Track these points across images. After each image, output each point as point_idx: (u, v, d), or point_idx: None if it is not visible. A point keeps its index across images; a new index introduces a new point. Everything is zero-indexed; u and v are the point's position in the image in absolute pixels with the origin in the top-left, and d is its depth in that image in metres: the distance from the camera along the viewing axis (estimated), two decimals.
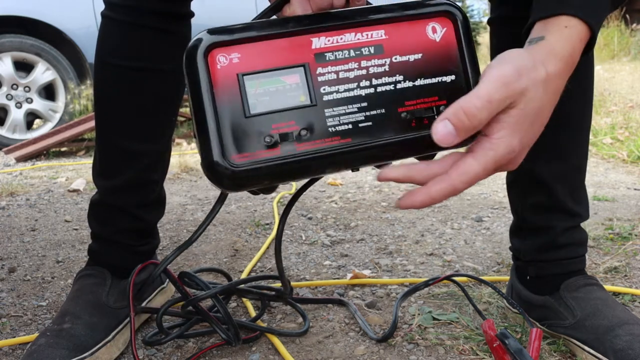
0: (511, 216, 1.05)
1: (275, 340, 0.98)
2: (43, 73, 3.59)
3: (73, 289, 1.02)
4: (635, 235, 1.53)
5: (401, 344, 0.98)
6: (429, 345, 0.97)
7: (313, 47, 0.59)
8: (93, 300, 0.97)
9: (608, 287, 1.14)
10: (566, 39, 0.59)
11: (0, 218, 1.87)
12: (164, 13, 0.94)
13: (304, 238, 1.60)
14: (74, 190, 2.27)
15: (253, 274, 1.34)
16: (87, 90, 3.67)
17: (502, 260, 1.39)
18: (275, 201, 1.95)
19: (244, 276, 1.30)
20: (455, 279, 1.11)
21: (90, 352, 0.89)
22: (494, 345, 0.85)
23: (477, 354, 0.93)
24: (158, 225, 1.11)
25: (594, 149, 2.81)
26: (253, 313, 1.10)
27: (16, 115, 3.57)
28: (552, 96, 0.58)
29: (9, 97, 3.55)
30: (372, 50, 0.60)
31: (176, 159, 2.63)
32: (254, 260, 1.39)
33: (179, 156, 2.74)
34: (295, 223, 1.75)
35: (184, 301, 0.93)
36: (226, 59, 0.57)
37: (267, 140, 0.56)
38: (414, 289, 1.11)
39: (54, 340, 0.88)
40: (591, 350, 0.88)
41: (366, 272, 1.30)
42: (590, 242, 1.41)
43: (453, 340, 0.98)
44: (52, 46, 3.57)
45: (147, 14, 0.93)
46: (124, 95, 0.98)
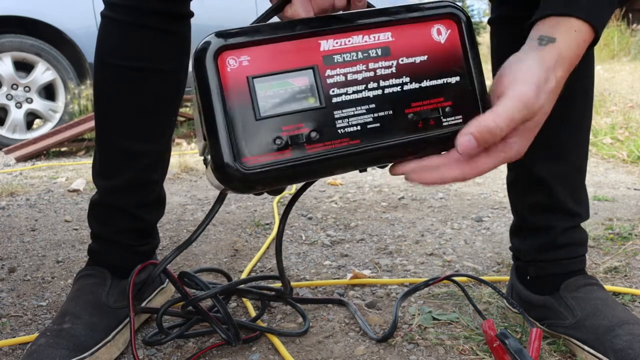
0: (511, 216, 1.05)
1: (275, 340, 0.98)
2: (43, 73, 3.59)
3: (73, 289, 1.02)
4: (635, 235, 1.53)
5: (401, 344, 0.98)
6: (429, 345, 0.97)
7: (321, 50, 0.59)
8: (93, 300, 0.97)
9: (608, 287, 1.14)
10: (574, 42, 0.62)
11: (0, 218, 1.87)
12: (164, 13, 0.94)
13: (304, 238, 1.60)
14: (74, 190, 2.27)
15: (253, 274, 1.34)
16: (87, 90, 3.67)
17: (502, 260, 1.39)
18: (275, 201, 1.95)
19: (244, 276, 1.30)
20: (455, 279, 1.10)
21: (90, 352, 0.89)
22: (494, 345, 0.85)
23: (477, 354, 0.93)
24: (158, 225, 1.11)
25: (594, 149, 2.81)
26: (253, 313, 1.10)
27: (16, 115, 3.57)
28: (555, 97, 0.62)
29: (9, 97, 3.55)
30: (380, 52, 0.61)
31: (176, 159, 2.63)
32: (254, 260, 1.39)
33: (179, 156, 2.74)
34: (295, 223, 1.75)
35: (184, 301, 0.93)
36: (236, 62, 0.57)
37: (278, 142, 0.56)
38: (414, 289, 1.11)
39: (54, 340, 0.88)
40: (591, 350, 0.88)
41: (366, 272, 1.30)
42: (590, 242, 1.41)
43: (453, 340, 0.98)
44: (52, 46, 3.58)
45: (147, 14, 0.93)
46: (124, 95, 0.98)
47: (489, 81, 0.66)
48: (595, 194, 2.01)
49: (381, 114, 0.60)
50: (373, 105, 0.60)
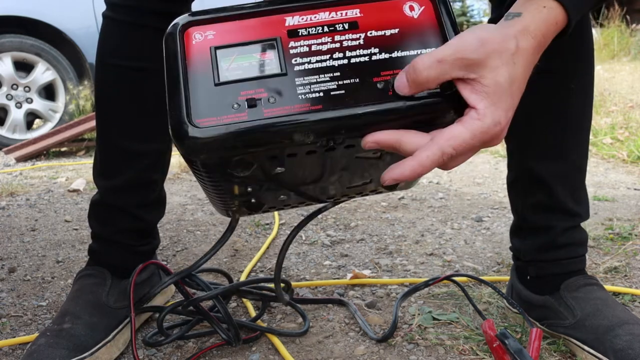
0: (511, 216, 1.05)
1: (275, 340, 0.98)
2: (43, 73, 3.59)
3: (73, 289, 1.02)
4: (635, 235, 1.53)
5: (401, 344, 0.98)
6: (429, 345, 0.97)
7: (286, 25, 0.60)
8: (93, 300, 0.97)
9: (608, 287, 1.14)
10: (542, 19, 0.59)
11: (0, 218, 1.87)
12: (164, 13, 0.94)
13: (304, 238, 1.60)
14: (74, 190, 2.27)
15: (253, 274, 1.34)
16: (87, 91, 3.67)
17: (502, 260, 1.39)
18: None
19: (243, 276, 1.30)
20: (455, 279, 1.10)
21: (90, 352, 0.89)
22: (494, 345, 0.85)
23: (477, 354, 0.93)
24: (158, 225, 1.11)
25: (594, 149, 2.81)
26: (253, 313, 1.10)
27: (16, 115, 3.57)
28: (523, 70, 0.57)
29: (9, 97, 3.55)
30: (347, 26, 0.60)
31: (176, 159, 2.63)
32: (254, 260, 1.39)
33: (179, 156, 2.74)
34: (295, 223, 1.75)
35: (186, 301, 0.93)
36: (202, 36, 0.59)
37: (235, 106, 0.56)
38: (414, 289, 1.11)
39: (54, 340, 0.88)
40: (591, 350, 0.88)
41: (366, 272, 1.30)
42: (590, 242, 1.41)
43: (453, 340, 0.98)
44: (52, 46, 3.58)
45: (148, 14, 0.93)
46: (124, 95, 0.98)
47: None
48: (595, 194, 2.01)
49: (346, 81, 0.58)
50: (338, 74, 0.58)
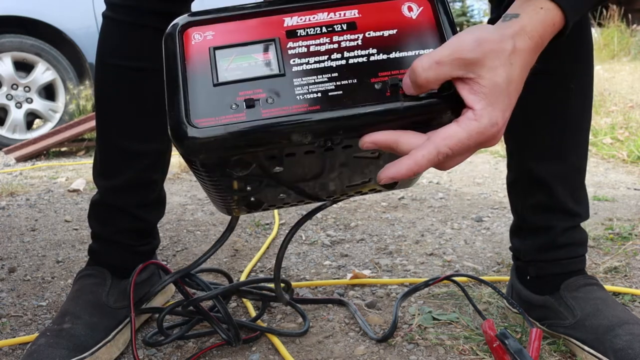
0: (511, 216, 1.05)
1: (275, 340, 0.98)
2: (43, 73, 3.59)
3: (73, 289, 1.02)
4: (635, 235, 1.53)
5: (401, 344, 0.98)
6: (429, 345, 0.97)
7: (285, 25, 0.60)
8: (93, 300, 0.97)
9: (608, 287, 1.14)
10: (539, 20, 0.59)
11: (0, 218, 1.87)
12: (164, 13, 0.94)
13: (304, 238, 1.60)
14: (74, 190, 2.27)
15: (253, 274, 1.34)
16: (87, 91, 3.67)
17: (502, 260, 1.39)
18: None
19: (243, 276, 1.30)
20: (455, 279, 1.10)
21: (90, 352, 0.89)
22: (494, 345, 0.85)
23: (477, 354, 0.93)
24: (158, 225, 1.11)
25: (594, 149, 2.81)
26: (253, 313, 1.10)
27: (16, 115, 3.57)
28: (520, 70, 0.57)
29: (9, 97, 3.55)
30: (345, 27, 0.60)
31: (176, 159, 2.63)
32: (254, 260, 1.39)
33: (179, 156, 2.73)
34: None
35: (186, 301, 0.93)
36: (201, 37, 0.59)
37: (233, 107, 0.56)
38: (414, 289, 1.11)
39: (54, 340, 0.88)
40: (591, 350, 0.88)
41: (366, 272, 1.30)
42: (590, 242, 1.41)
43: (453, 340, 0.98)
44: (52, 46, 3.58)
45: (147, 14, 0.93)
46: (124, 95, 0.98)
47: None
48: (595, 194, 2.01)
49: (344, 82, 0.58)
50: (336, 74, 0.58)
